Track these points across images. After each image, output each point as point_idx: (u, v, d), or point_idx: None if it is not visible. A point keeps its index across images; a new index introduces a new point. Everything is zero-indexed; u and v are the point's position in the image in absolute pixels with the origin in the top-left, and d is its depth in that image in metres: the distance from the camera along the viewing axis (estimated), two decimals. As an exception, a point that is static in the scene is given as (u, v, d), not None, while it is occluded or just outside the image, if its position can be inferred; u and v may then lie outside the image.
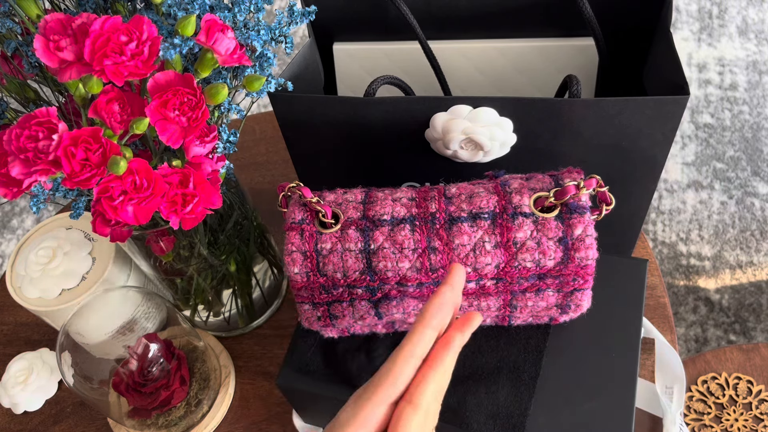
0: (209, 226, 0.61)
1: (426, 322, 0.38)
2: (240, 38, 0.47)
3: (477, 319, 0.40)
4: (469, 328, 0.40)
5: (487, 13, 0.66)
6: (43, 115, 0.41)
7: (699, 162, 1.64)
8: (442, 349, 0.38)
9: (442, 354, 0.38)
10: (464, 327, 0.40)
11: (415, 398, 0.36)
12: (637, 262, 0.55)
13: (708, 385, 0.83)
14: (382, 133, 0.58)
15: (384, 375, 0.37)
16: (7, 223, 1.79)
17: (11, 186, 0.42)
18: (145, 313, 0.65)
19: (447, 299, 0.39)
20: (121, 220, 0.44)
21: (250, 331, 0.74)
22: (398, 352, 0.38)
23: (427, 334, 0.38)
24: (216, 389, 0.69)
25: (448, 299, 0.39)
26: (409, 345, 0.38)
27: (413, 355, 0.37)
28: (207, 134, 0.49)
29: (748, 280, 1.46)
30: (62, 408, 0.72)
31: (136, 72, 0.42)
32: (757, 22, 1.88)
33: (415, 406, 0.36)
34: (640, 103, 0.51)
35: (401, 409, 0.36)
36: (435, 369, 0.37)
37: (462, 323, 0.40)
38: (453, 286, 0.40)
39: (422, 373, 0.37)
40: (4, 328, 0.80)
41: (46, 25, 0.42)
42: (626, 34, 0.64)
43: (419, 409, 0.36)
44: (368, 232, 0.47)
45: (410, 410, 0.36)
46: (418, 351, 0.38)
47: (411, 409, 0.36)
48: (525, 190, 0.47)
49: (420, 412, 0.36)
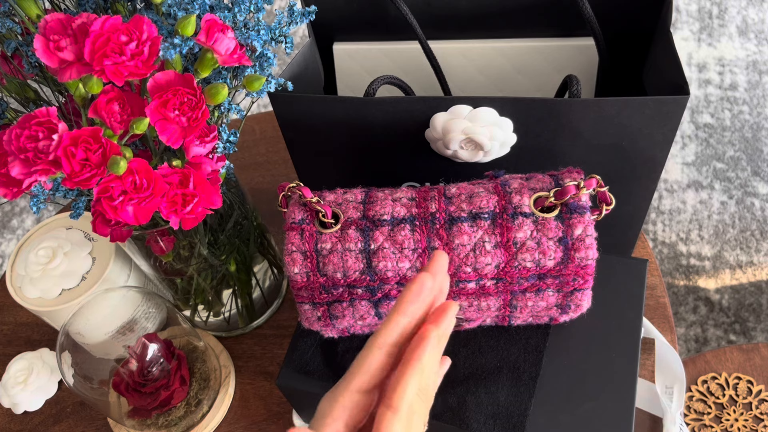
0: (209, 226, 0.61)
1: (401, 309, 0.37)
2: (240, 38, 0.47)
3: (453, 308, 0.38)
4: (444, 319, 0.37)
5: (487, 13, 0.66)
6: (43, 115, 0.41)
7: (699, 162, 1.64)
8: (418, 345, 0.36)
9: (417, 351, 0.35)
10: (439, 319, 0.37)
11: (394, 402, 0.34)
12: (637, 262, 0.55)
13: (708, 385, 0.83)
14: (382, 133, 0.58)
15: (357, 364, 0.36)
16: (7, 223, 1.80)
17: (11, 186, 0.42)
18: (145, 313, 0.65)
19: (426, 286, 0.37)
20: (121, 220, 0.44)
21: (250, 331, 0.74)
22: (372, 340, 0.37)
23: (401, 322, 0.37)
24: (216, 389, 0.69)
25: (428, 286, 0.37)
26: (382, 333, 0.36)
27: (386, 343, 0.36)
28: (207, 134, 0.49)
29: (748, 280, 1.46)
30: (62, 408, 0.72)
31: (136, 72, 0.42)
32: (757, 22, 1.88)
33: (394, 410, 0.34)
34: (640, 103, 0.51)
35: (381, 414, 0.34)
36: (412, 368, 0.35)
37: (436, 315, 0.37)
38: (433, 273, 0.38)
39: (399, 373, 0.35)
40: (4, 328, 0.80)
41: (46, 25, 0.42)
42: (626, 34, 0.65)
43: (399, 413, 0.34)
44: (368, 232, 0.47)
45: (390, 415, 0.34)
46: (390, 339, 0.36)
47: (391, 414, 0.34)
48: (525, 190, 0.47)
49: (400, 415, 0.34)
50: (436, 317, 0.37)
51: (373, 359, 0.36)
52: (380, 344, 0.37)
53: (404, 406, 0.34)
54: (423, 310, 0.38)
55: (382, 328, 0.37)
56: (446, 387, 0.51)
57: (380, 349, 0.36)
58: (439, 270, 0.39)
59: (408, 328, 0.37)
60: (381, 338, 0.37)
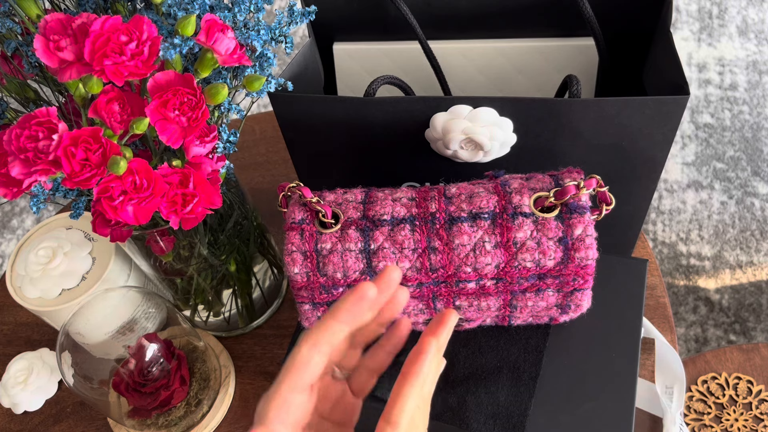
0: (209, 226, 0.61)
1: (335, 313, 0.37)
2: (240, 38, 0.47)
3: (452, 319, 0.37)
4: (443, 330, 0.37)
5: (487, 13, 0.66)
6: (43, 115, 0.41)
7: (699, 162, 1.64)
8: (417, 358, 0.35)
9: (417, 365, 0.35)
10: (438, 330, 0.36)
11: (393, 417, 0.34)
12: (637, 262, 0.55)
13: (708, 385, 0.83)
14: (382, 133, 0.58)
15: (288, 363, 0.37)
16: (7, 223, 1.80)
17: (11, 186, 0.42)
18: (145, 313, 0.65)
19: (367, 296, 0.37)
20: (121, 220, 0.44)
21: (250, 331, 0.74)
22: (302, 338, 0.37)
23: (332, 326, 0.37)
24: (216, 389, 0.69)
25: (369, 296, 0.37)
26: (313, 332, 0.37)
27: (317, 342, 0.37)
28: (207, 134, 0.49)
29: (748, 280, 1.46)
30: (62, 408, 0.72)
31: (136, 72, 0.42)
32: (757, 22, 1.88)
33: (394, 425, 0.34)
34: (640, 103, 0.51)
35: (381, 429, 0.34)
36: (411, 382, 0.35)
37: (435, 326, 0.37)
38: (378, 286, 0.38)
39: (398, 387, 0.35)
40: (4, 328, 0.80)
41: (46, 25, 0.42)
42: (626, 34, 0.65)
43: (399, 428, 0.34)
44: (368, 232, 0.47)
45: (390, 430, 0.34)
46: (321, 339, 0.37)
47: (391, 430, 0.34)
48: (525, 190, 0.47)
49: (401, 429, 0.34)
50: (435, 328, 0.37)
51: (303, 358, 0.37)
52: (311, 343, 0.37)
53: (404, 421, 0.34)
54: (360, 319, 0.38)
55: (314, 328, 0.37)
56: (446, 387, 0.51)
57: (310, 349, 0.37)
58: (387, 284, 0.39)
59: (340, 336, 0.37)
60: (312, 337, 0.37)
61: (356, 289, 0.37)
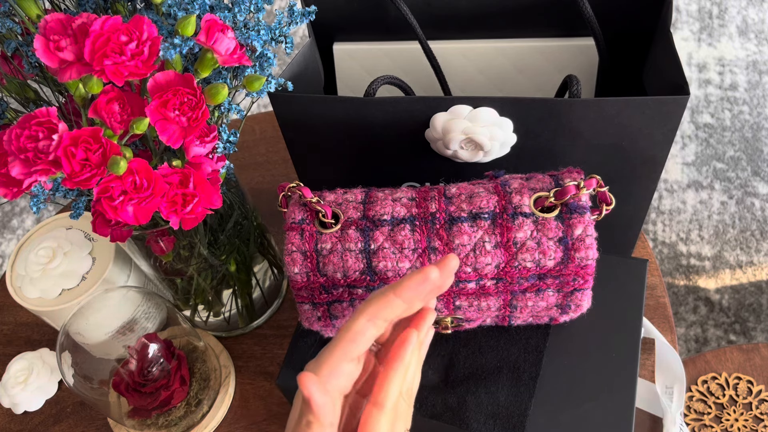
0: (209, 226, 0.61)
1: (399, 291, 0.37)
2: (240, 38, 0.47)
3: (430, 316, 0.41)
4: (423, 324, 0.40)
5: (487, 13, 0.66)
6: (43, 115, 0.41)
7: (699, 162, 1.64)
8: (400, 346, 0.38)
9: (400, 351, 0.38)
10: (419, 324, 0.40)
11: (379, 399, 0.37)
12: (637, 262, 0.55)
13: (708, 385, 0.83)
14: (382, 133, 0.58)
15: (344, 331, 0.38)
16: (7, 223, 1.80)
17: (11, 186, 0.42)
18: (145, 313, 0.65)
19: (431, 279, 0.38)
20: (121, 220, 0.44)
21: (250, 331, 0.74)
22: (360, 309, 0.38)
23: (394, 302, 0.38)
24: (216, 389, 0.69)
25: (432, 279, 0.38)
26: (372, 304, 0.38)
27: (375, 316, 0.37)
28: (207, 134, 0.49)
29: (748, 280, 1.46)
30: (62, 408, 0.72)
31: (136, 72, 0.42)
32: (757, 22, 1.88)
33: (380, 407, 0.37)
34: (640, 103, 0.51)
35: (368, 412, 0.37)
36: (395, 368, 0.37)
37: (417, 320, 0.40)
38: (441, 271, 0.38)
39: (384, 373, 0.38)
40: (4, 328, 0.80)
41: (46, 25, 0.42)
42: (626, 34, 0.64)
43: (385, 410, 0.37)
44: (368, 232, 0.47)
45: (376, 411, 0.37)
46: (380, 313, 0.37)
47: (377, 411, 0.37)
48: (525, 190, 0.47)
49: (386, 411, 0.37)
50: (416, 321, 0.40)
51: (360, 328, 0.37)
52: (369, 315, 0.37)
53: (389, 403, 0.37)
54: (418, 300, 0.39)
55: (374, 301, 0.38)
56: (446, 387, 0.51)
57: (368, 320, 0.37)
58: (449, 271, 0.40)
59: (397, 312, 0.38)
60: (371, 309, 0.37)
61: (421, 271, 0.38)
